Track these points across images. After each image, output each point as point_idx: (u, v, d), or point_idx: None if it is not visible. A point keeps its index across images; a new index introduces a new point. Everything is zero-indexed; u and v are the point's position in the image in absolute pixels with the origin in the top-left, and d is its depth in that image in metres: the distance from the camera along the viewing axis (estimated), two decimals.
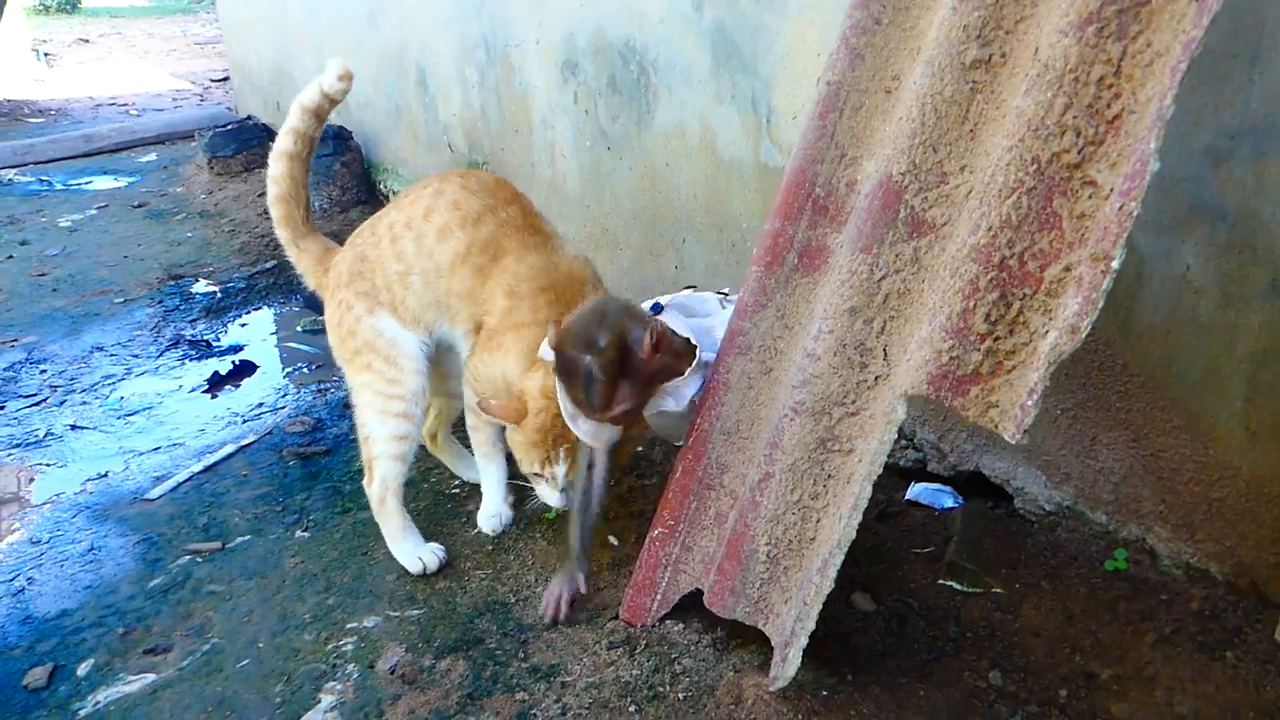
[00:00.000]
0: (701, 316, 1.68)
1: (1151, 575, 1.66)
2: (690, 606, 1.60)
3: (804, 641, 1.32)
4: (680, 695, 1.45)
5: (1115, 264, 1.07)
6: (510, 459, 1.91)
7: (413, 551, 1.87)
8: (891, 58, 1.39)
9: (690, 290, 1.80)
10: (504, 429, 1.85)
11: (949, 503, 1.93)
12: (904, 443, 2.08)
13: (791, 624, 1.34)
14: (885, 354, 1.30)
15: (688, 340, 1.53)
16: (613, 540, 1.88)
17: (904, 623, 1.62)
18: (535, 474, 1.79)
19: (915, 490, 1.97)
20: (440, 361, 1.98)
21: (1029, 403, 1.12)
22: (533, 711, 1.47)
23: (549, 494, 1.80)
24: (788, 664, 1.33)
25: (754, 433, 1.46)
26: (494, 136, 3.43)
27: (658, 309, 1.66)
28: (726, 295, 1.76)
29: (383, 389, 1.86)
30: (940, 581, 1.71)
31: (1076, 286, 1.11)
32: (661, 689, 1.47)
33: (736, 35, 2.23)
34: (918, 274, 1.28)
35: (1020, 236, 1.17)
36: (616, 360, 1.42)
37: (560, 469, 1.74)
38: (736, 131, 2.31)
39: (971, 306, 1.18)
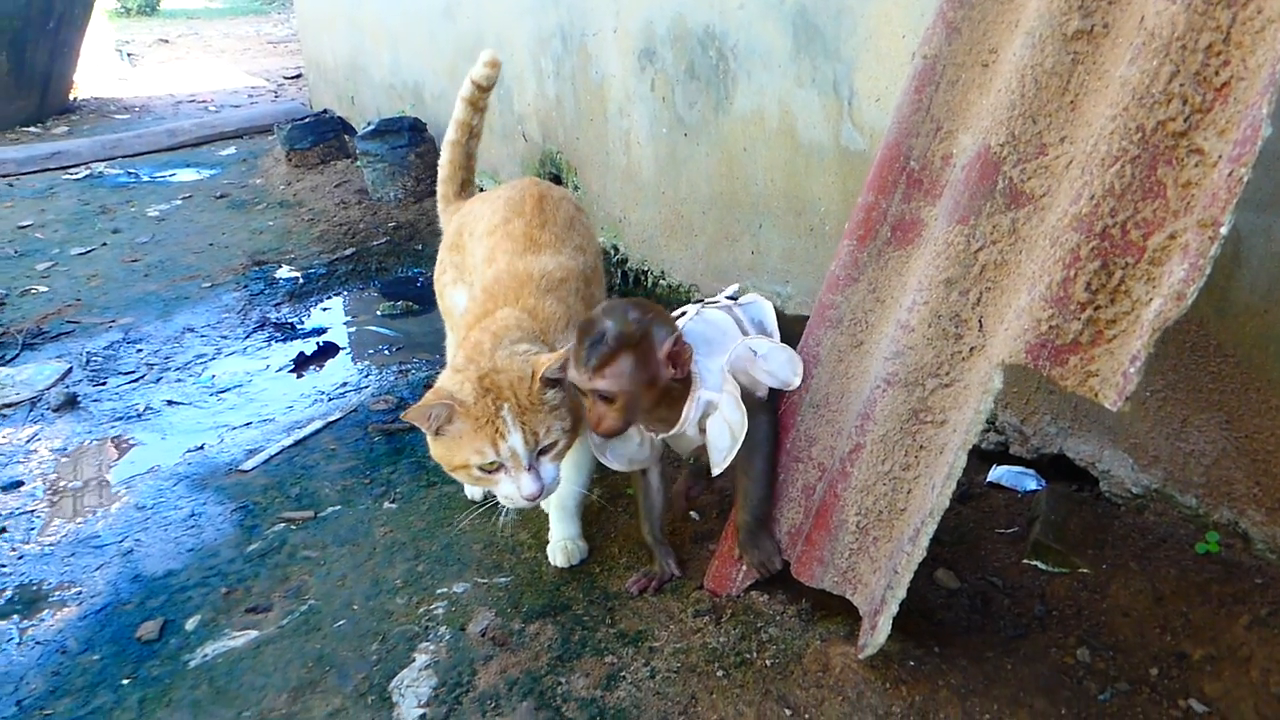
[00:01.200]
0: (719, 352, 1.55)
1: (1245, 559, 1.63)
2: (775, 578, 1.62)
3: (894, 609, 1.33)
4: (768, 662, 1.47)
5: (1224, 230, 1.06)
6: None
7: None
8: (989, 31, 1.39)
9: (698, 307, 1.69)
10: None
11: (1031, 485, 1.92)
12: (986, 426, 2.06)
13: (882, 592, 1.35)
14: (980, 325, 1.31)
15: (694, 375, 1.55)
16: (694, 515, 1.91)
17: (988, 600, 1.62)
18: (489, 467, 1.52)
19: (997, 473, 1.96)
20: None
21: (1131, 370, 1.12)
22: (622, 674, 1.50)
23: (521, 483, 1.51)
24: (878, 631, 1.35)
25: (843, 405, 1.48)
26: (568, 126, 3.48)
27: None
28: (735, 301, 1.71)
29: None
30: (1025, 561, 1.70)
31: (1182, 254, 1.10)
32: (748, 655, 1.49)
33: (818, 19, 2.24)
34: (1015, 245, 1.29)
35: (1123, 205, 1.17)
36: (632, 338, 1.43)
37: (516, 439, 1.48)
38: (817, 115, 2.32)
39: (1072, 276, 1.19)
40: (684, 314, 1.66)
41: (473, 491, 2.05)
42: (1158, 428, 1.74)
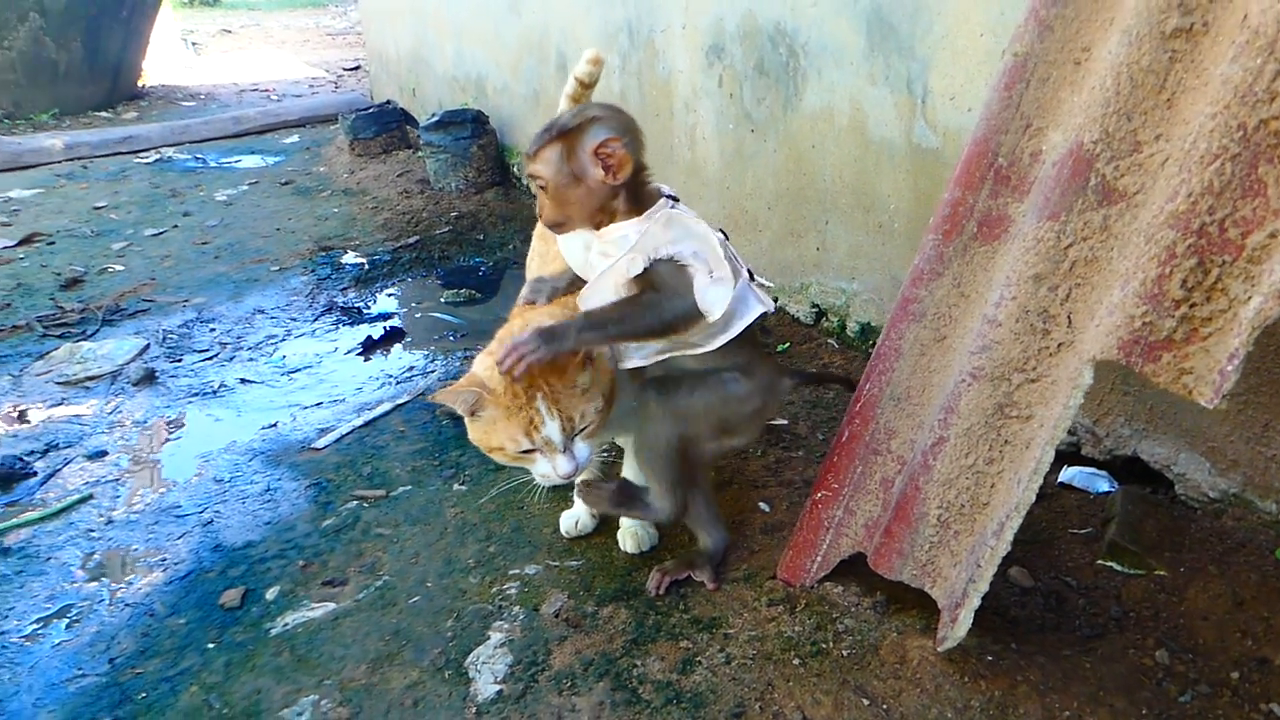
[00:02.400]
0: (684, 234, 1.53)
1: None
2: (848, 570, 1.63)
3: (976, 602, 1.34)
4: (844, 652, 1.48)
5: None
6: None
7: None
8: (1082, 29, 1.39)
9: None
10: None
11: (1103, 487, 1.91)
12: None
13: (963, 585, 1.36)
14: (1069, 321, 1.31)
15: (658, 193, 1.57)
16: (764, 506, 1.93)
17: (1062, 600, 1.62)
18: (526, 454, 1.56)
19: (1069, 473, 1.95)
20: None
21: (1229, 368, 1.12)
22: (697, 659, 1.53)
23: (557, 464, 1.54)
24: (958, 624, 1.36)
25: (925, 399, 1.49)
26: None
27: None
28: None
29: None
30: (1100, 562, 1.70)
31: None
32: (824, 645, 1.50)
33: (893, 17, 2.24)
34: (1106, 241, 1.29)
35: (1221, 203, 1.16)
36: (565, 129, 1.47)
37: (552, 426, 1.52)
38: (889, 113, 2.32)
39: (1167, 273, 1.18)
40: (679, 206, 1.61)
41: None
42: (1238, 431, 1.72)
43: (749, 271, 1.62)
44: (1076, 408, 1.25)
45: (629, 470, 1.82)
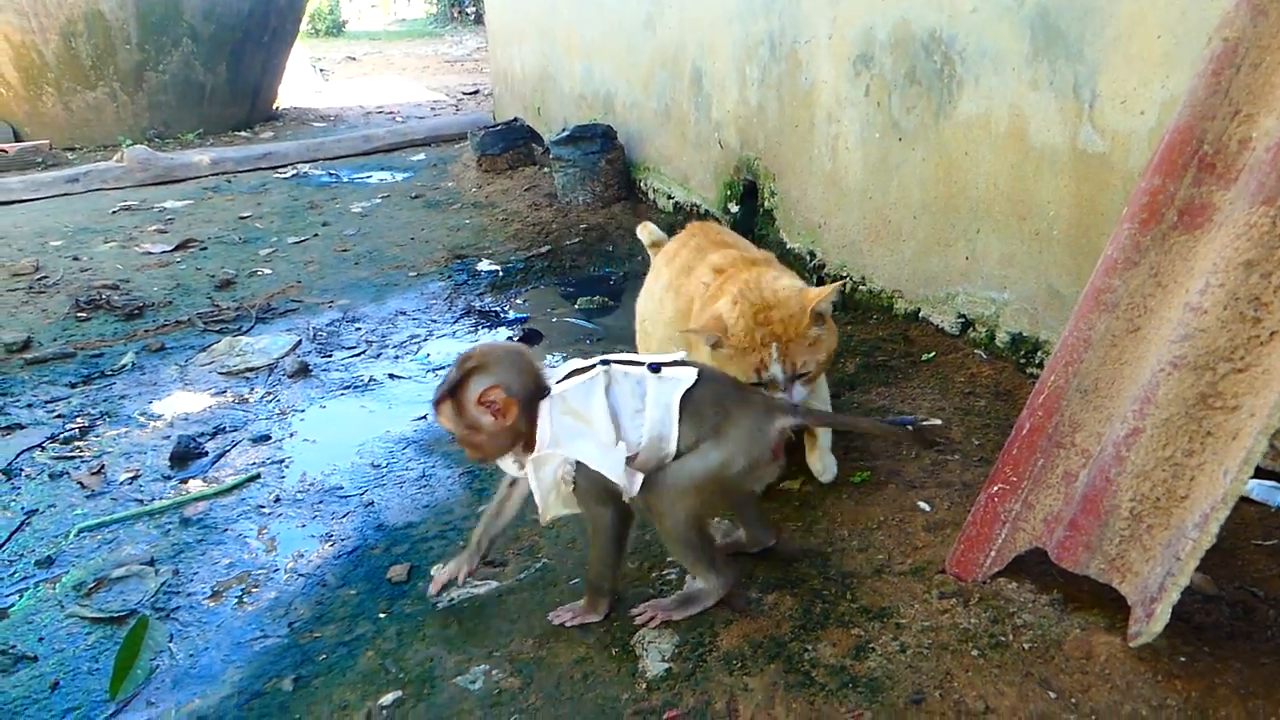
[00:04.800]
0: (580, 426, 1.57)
1: None
2: (1019, 568, 1.60)
3: (1175, 597, 1.30)
4: (1025, 645, 1.45)
5: None
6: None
7: None
8: None
9: (608, 368, 1.61)
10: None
11: None
12: None
13: (1159, 580, 1.32)
14: None
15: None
16: (924, 506, 1.90)
17: (1250, 610, 1.55)
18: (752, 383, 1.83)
19: (1247, 486, 1.87)
20: None
21: None
22: (870, 646, 1.51)
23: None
24: (1154, 619, 1.31)
25: (1115, 390, 1.45)
26: (769, 132, 3.53)
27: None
28: (659, 373, 1.60)
29: None
30: None
31: None
32: (1003, 638, 1.47)
33: (1060, 20, 2.21)
34: None
35: None
36: (452, 387, 1.56)
37: (777, 369, 1.81)
38: (1052, 118, 2.29)
39: None
40: (584, 371, 1.61)
41: None
42: None
43: (654, 365, 1.62)
44: None
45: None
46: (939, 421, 2.22)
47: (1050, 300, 2.39)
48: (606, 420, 1.56)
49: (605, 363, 1.62)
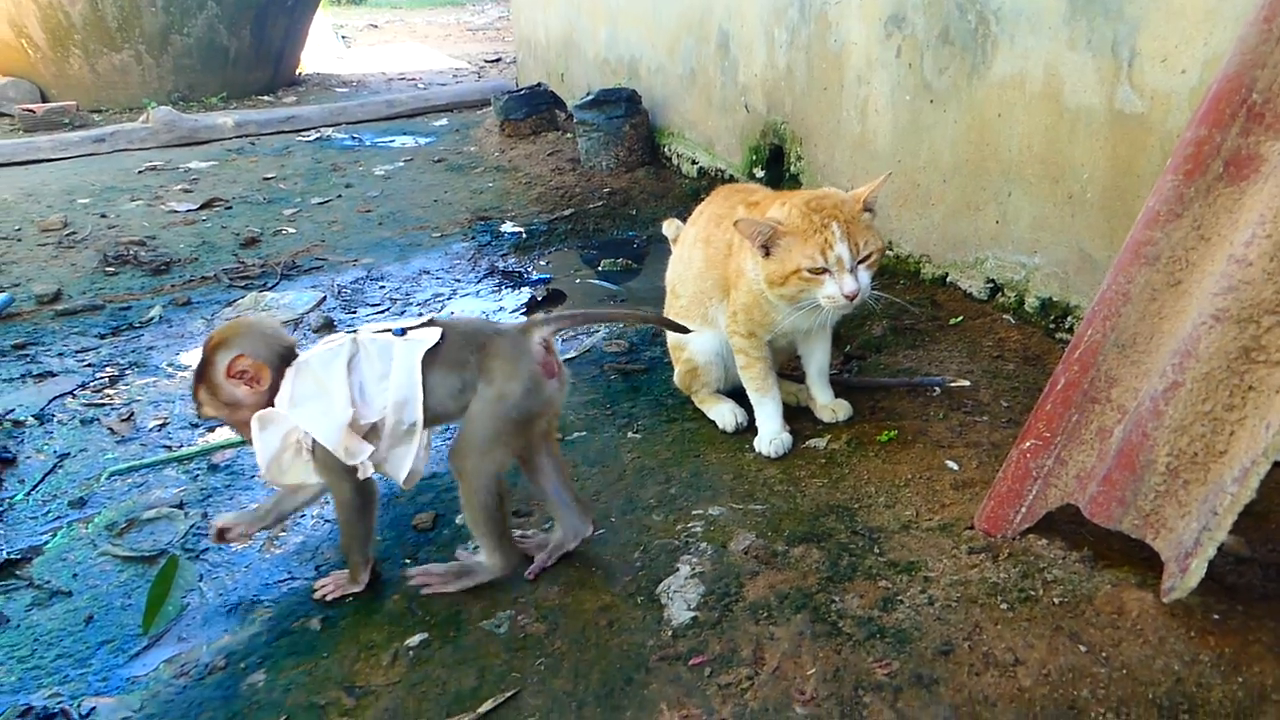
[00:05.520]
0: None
1: None
2: (1048, 525, 1.59)
3: (1211, 552, 1.28)
4: (1055, 600, 1.44)
5: None
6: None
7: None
8: None
9: (354, 336, 1.61)
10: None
11: None
12: None
13: (1194, 535, 1.31)
14: None
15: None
16: (951, 465, 1.89)
17: None
18: (815, 270, 1.79)
19: None
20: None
21: None
22: (898, 598, 1.51)
23: (844, 283, 1.78)
24: (1189, 574, 1.30)
25: (1154, 345, 1.43)
26: (798, 96, 3.49)
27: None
28: (404, 335, 1.61)
29: None
30: None
31: None
32: (1033, 593, 1.47)
33: None
34: None
35: None
36: (200, 370, 1.57)
37: (842, 249, 1.78)
38: (1089, 78, 2.25)
39: None
40: (334, 340, 1.61)
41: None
42: None
43: (399, 330, 1.62)
44: None
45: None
46: (967, 383, 2.21)
47: (1082, 264, 2.36)
48: (344, 389, 1.54)
49: (354, 331, 1.62)
